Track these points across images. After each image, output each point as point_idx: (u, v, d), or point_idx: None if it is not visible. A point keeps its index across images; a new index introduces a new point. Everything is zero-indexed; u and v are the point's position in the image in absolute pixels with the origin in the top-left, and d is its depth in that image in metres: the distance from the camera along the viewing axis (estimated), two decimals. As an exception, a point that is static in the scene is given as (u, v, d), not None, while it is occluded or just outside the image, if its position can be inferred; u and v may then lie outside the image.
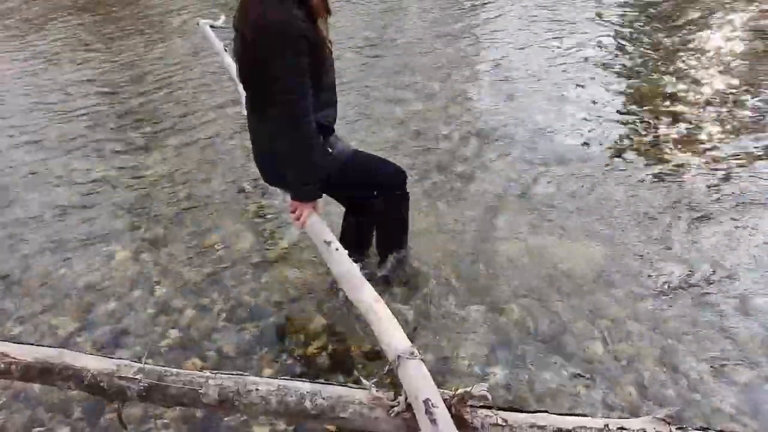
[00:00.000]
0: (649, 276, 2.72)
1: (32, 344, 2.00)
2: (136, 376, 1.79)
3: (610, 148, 3.82)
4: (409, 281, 2.78)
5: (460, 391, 1.65)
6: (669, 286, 2.65)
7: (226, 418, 2.17)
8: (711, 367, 2.25)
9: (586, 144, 3.88)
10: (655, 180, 3.44)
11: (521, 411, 1.68)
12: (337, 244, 2.11)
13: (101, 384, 1.82)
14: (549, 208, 3.26)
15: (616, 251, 2.89)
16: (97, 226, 3.49)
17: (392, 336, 1.76)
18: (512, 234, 3.08)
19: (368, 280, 1.97)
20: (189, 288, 2.92)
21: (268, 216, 3.44)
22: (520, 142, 3.95)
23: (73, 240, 3.38)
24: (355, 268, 2.04)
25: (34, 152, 4.44)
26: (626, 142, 3.88)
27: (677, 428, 1.58)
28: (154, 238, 3.34)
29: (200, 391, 1.77)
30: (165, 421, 2.21)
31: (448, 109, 4.53)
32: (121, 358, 1.89)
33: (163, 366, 1.85)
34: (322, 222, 2.24)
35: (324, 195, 2.33)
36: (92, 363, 1.85)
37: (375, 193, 2.50)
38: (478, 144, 3.99)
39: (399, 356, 1.69)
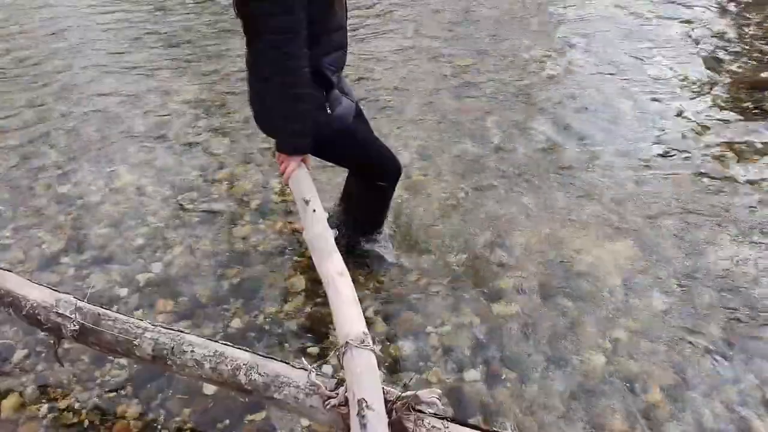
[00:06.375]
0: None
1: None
2: (72, 315, 1.67)
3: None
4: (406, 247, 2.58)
5: (408, 393, 1.45)
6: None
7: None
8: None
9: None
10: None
11: (476, 428, 1.47)
12: (316, 204, 1.90)
13: (38, 317, 1.71)
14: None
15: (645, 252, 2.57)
16: (111, 149, 3.41)
17: (346, 317, 1.55)
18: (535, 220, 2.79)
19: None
20: (182, 223, 2.80)
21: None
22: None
23: (82, 153, 3.33)
24: (329, 234, 1.83)
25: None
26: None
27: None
28: (162, 166, 3.23)
29: (135, 342, 1.63)
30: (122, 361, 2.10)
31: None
32: (65, 292, 1.77)
33: (104, 308, 1.71)
34: (308, 177, 2.02)
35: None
36: (33, 293, 1.74)
37: (360, 171, 2.33)
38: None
39: (348, 342, 1.48)
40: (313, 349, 2.16)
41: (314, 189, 2.00)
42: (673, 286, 2.40)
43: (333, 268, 1.70)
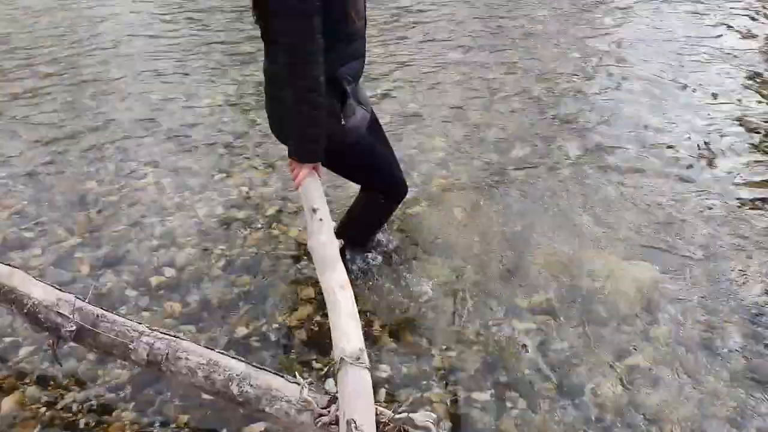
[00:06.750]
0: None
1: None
2: (71, 315, 1.66)
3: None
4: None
5: (402, 415, 1.39)
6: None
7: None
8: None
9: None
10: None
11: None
12: (323, 213, 1.86)
13: (39, 315, 1.70)
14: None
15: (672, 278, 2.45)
16: (136, 150, 3.44)
17: (343, 332, 1.50)
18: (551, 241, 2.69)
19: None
20: (198, 226, 2.80)
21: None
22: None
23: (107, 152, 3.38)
24: (335, 244, 1.79)
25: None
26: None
27: None
28: (184, 168, 3.25)
29: (130, 346, 1.61)
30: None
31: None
32: (69, 292, 1.76)
33: (104, 309, 1.70)
34: (318, 186, 1.98)
35: None
36: (37, 291, 1.74)
37: (368, 183, 2.33)
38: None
39: (342, 358, 1.44)
40: (318, 362, 2.11)
41: (323, 198, 1.96)
42: (697, 314, 2.28)
43: (335, 279, 1.65)
